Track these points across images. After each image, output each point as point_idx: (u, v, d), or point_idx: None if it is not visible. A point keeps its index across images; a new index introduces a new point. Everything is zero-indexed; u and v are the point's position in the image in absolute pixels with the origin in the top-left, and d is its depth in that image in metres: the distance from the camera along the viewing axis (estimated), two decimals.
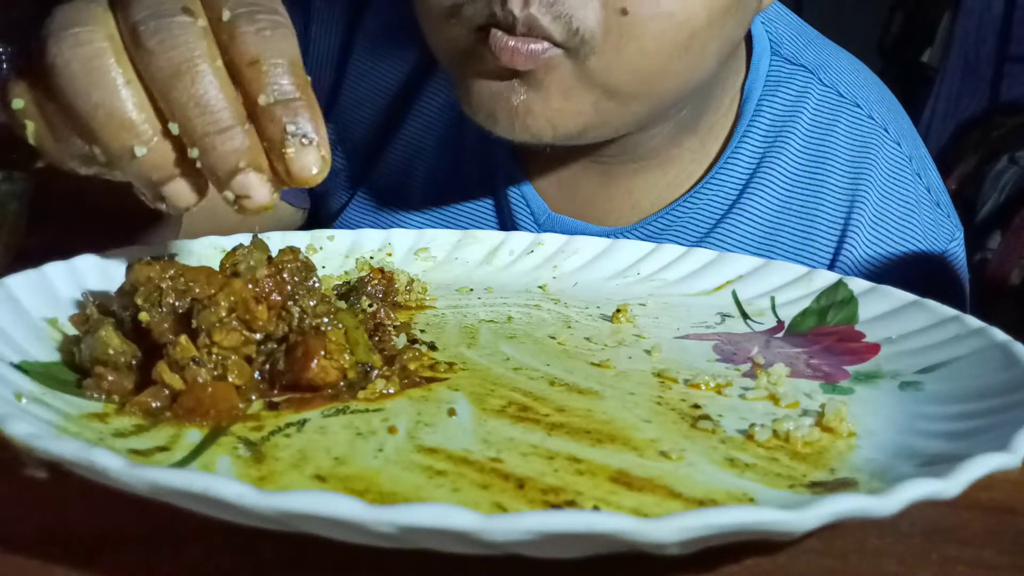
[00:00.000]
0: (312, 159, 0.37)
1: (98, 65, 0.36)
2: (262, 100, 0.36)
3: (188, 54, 0.36)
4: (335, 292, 0.52)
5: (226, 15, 0.37)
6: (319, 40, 0.82)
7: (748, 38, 0.74)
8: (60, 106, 0.38)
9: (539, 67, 0.57)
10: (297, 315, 0.40)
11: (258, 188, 0.37)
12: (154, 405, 0.37)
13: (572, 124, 0.60)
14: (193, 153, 0.36)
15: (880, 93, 0.77)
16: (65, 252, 0.47)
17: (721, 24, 0.59)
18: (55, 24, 0.38)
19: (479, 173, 0.77)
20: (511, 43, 0.56)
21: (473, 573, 0.29)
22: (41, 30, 0.39)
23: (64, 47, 0.36)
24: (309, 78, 0.38)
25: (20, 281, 0.43)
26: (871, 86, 0.77)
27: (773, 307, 0.54)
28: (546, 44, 0.56)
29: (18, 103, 0.39)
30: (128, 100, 0.37)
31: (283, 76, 0.37)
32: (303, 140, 0.37)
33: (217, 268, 0.42)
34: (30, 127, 0.39)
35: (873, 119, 0.73)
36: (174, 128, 0.36)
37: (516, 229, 0.74)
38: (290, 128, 0.36)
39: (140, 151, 0.37)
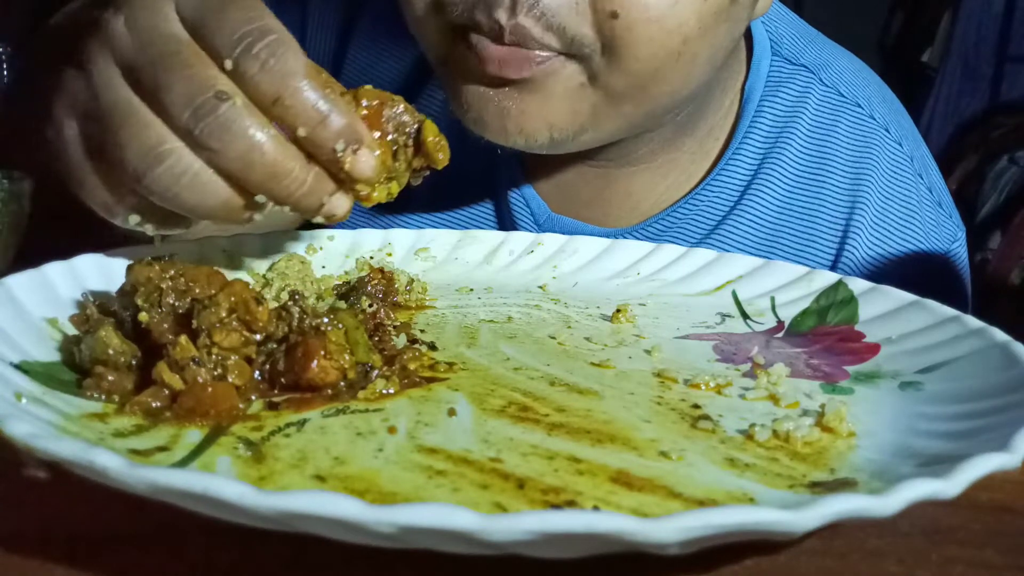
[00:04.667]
0: (365, 161, 0.41)
1: (191, 181, 0.40)
2: (300, 133, 0.40)
3: (249, 142, 0.39)
4: (335, 292, 0.52)
5: (228, 64, 0.39)
6: (315, 41, 0.81)
7: (748, 38, 0.73)
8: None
9: (536, 74, 0.56)
10: (297, 315, 0.40)
11: (339, 207, 0.42)
12: (154, 405, 0.37)
13: (569, 125, 0.59)
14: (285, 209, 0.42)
15: (881, 93, 0.77)
16: (65, 252, 0.47)
17: (712, 31, 0.58)
18: (138, 146, 0.40)
19: (479, 174, 0.77)
20: (497, 52, 0.55)
21: (473, 573, 0.29)
22: (110, 128, 0.41)
23: (156, 167, 0.40)
24: (324, 72, 0.41)
25: (20, 281, 0.43)
26: (872, 86, 0.77)
27: (773, 307, 0.54)
28: (545, 53, 0.55)
29: (134, 219, 0.43)
30: (221, 195, 0.41)
31: (305, 101, 0.40)
32: (351, 150, 0.41)
33: (217, 268, 0.42)
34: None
35: (874, 119, 0.73)
36: (261, 198, 0.41)
37: (516, 230, 0.74)
38: (337, 147, 0.40)
39: (247, 214, 0.42)
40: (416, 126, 0.45)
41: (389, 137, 0.44)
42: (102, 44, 0.42)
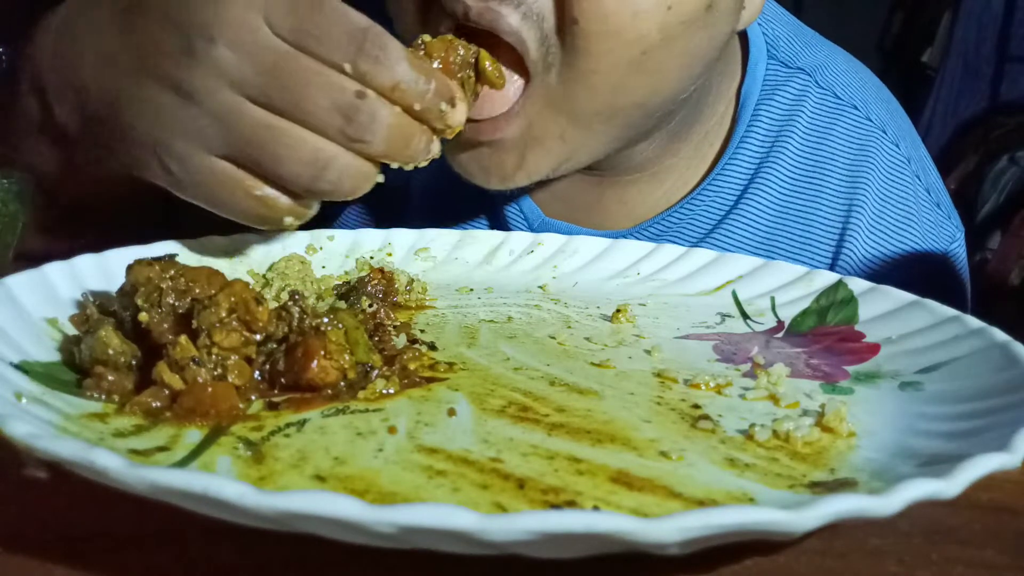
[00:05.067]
0: (461, 110, 0.48)
1: (351, 173, 0.46)
2: (416, 107, 0.46)
3: (390, 127, 0.45)
4: (335, 292, 0.52)
5: (348, 68, 0.44)
6: None
7: (744, 42, 0.73)
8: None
9: (507, 135, 0.57)
10: (297, 315, 0.40)
11: (437, 150, 0.48)
12: (154, 405, 0.37)
13: (545, 167, 0.60)
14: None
15: (878, 93, 0.77)
16: (65, 252, 0.47)
17: (681, 41, 0.57)
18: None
19: (475, 184, 0.77)
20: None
21: (473, 573, 0.29)
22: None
23: (324, 174, 0.45)
24: (411, 49, 0.47)
25: (20, 281, 0.43)
26: (869, 87, 0.77)
27: (773, 307, 0.54)
28: (517, 85, 0.56)
29: (288, 221, 0.48)
30: (369, 174, 0.47)
31: (416, 81, 0.45)
32: (449, 106, 0.47)
33: (217, 268, 0.42)
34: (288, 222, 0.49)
35: (871, 120, 0.73)
36: (393, 164, 0.48)
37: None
38: (443, 108, 0.46)
39: (379, 177, 0.48)
40: (474, 58, 0.51)
41: (458, 76, 0.50)
42: (210, 74, 0.45)
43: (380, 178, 0.48)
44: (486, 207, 0.77)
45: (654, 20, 0.55)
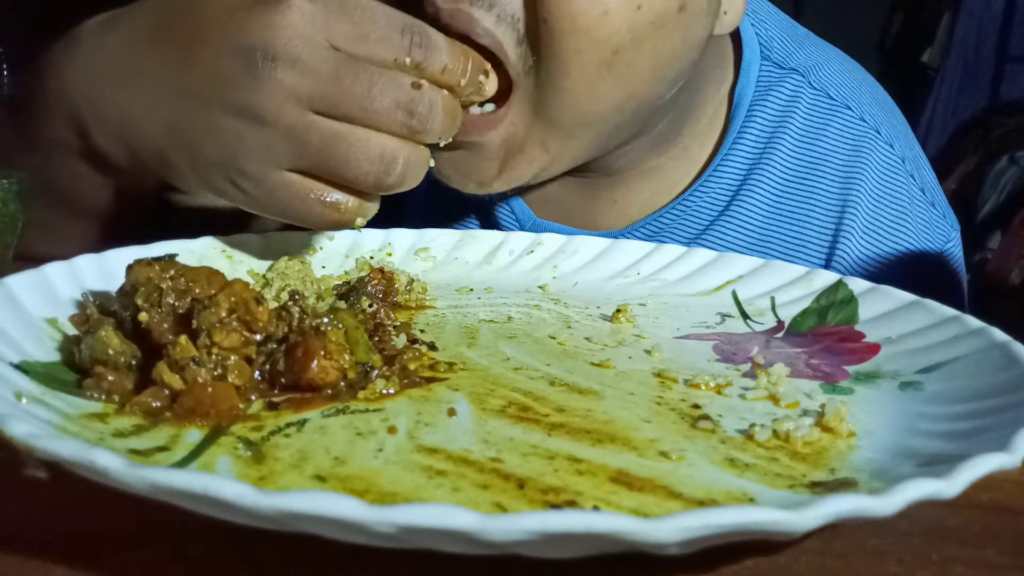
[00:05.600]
0: (494, 82, 0.54)
1: (415, 163, 0.49)
2: (462, 83, 0.49)
3: (443, 112, 0.48)
4: (335, 292, 0.52)
5: (407, 60, 0.48)
6: None
7: (738, 43, 0.73)
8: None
9: (487, 140, 0.58)
10: (297, 315, 0.40)
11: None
12: (154, 405, 0.37)
13: (525, 172, 0.61)
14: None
15: (873, 93, 0.77)
16: (65, 252, 0.47)
17: (652, 42, 0.57)
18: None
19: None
20: None
21: (473, 573, 0.29)
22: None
23: (393, 168, 0.48)
24: (451, 39, 0.50)
25: (20, 281, 0.43)
26: (863, 86, 0.76)
27: (773, 307, 0.54)
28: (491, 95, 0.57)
29: (360, 222, 0.51)
30: (427, 160, 0.50)
31: (457, 61, 0.49)
32: (485, 77, 0.51)
33: (217, 268, 0.42)
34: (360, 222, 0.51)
35: (865, 121, 0.73)
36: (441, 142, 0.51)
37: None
38: (481, 80, 0.51)
39: (431, 162, 0.51)
40: None
41: None
42: (275, 94, 0.46)
43: (432, 163, 0.51)
44: (478, 209, 0.77)
45: (623, 18, 0.55)
